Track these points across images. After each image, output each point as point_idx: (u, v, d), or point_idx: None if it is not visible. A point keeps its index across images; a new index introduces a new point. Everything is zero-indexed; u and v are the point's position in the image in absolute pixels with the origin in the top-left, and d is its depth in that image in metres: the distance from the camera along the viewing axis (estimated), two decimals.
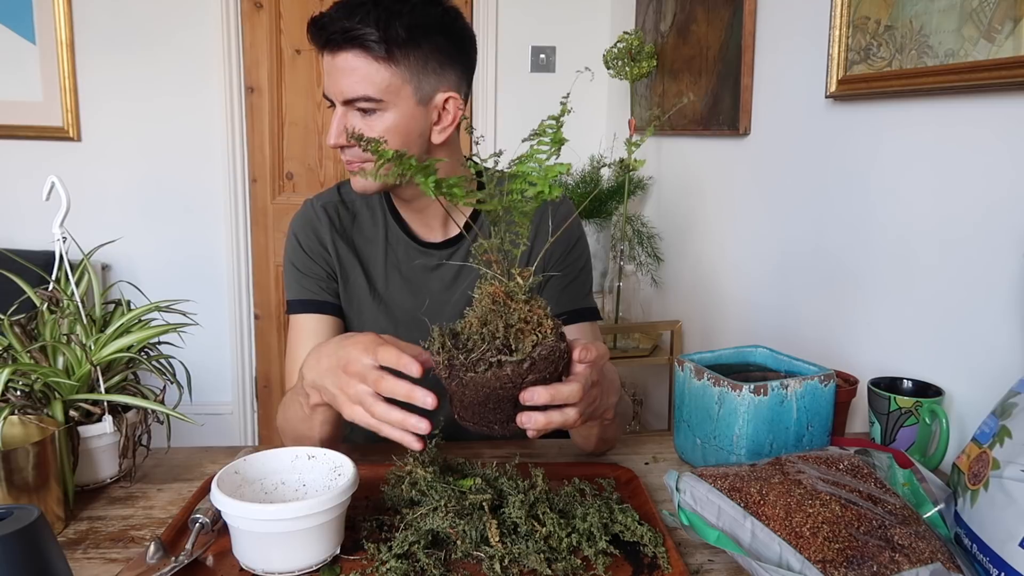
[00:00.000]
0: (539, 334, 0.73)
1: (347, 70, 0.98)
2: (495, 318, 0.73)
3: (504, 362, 0.71)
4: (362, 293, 1.16)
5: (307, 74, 2.91)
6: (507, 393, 0.73)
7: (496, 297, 0.74)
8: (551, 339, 0.73)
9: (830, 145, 1.45)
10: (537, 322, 0.73)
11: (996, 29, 1.01)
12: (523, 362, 0.71)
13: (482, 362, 0.72)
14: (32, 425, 0.86)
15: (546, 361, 0.73)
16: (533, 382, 0.73)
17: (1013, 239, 1.01)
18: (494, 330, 0.73)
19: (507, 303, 0.74)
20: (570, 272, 1.18)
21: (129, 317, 0.96)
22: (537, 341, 0.72)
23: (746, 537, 0.75)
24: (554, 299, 1.17)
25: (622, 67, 2.28)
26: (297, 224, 1.17)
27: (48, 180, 0.94)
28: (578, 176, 2.49)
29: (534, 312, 0.74)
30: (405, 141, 1.01)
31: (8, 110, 2.73)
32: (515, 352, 0.72)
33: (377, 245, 1.16)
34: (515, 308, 0.73)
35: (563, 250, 1.17)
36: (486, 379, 0.72)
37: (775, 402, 0.94)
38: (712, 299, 2.04)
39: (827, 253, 1.45)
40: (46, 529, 0.60)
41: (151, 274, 2.84)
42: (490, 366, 0.72)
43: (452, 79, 1.03)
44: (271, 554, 0.73)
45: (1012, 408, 0.75)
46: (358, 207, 1.18)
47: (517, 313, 0.73)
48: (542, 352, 0.72)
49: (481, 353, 0.72)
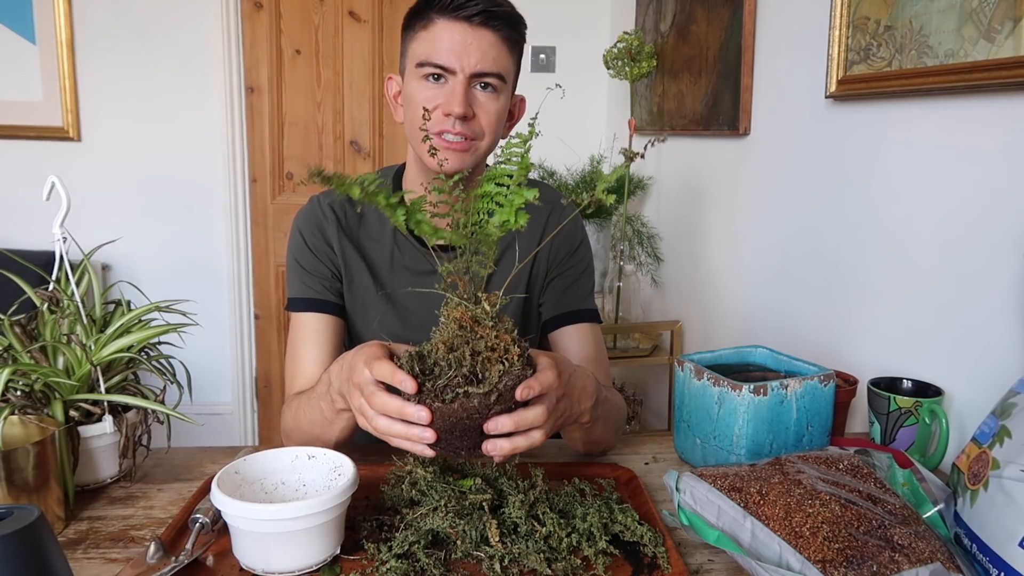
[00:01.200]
0: (505, 362, 0.72)
1: (487, 46, 1.02)
2: (461, 344, 0.73)
3: (472, 394, 0.71)
4: (368, 293, 1.15)
5: (307, 74, 2.91)
6: (473, 423, 0.73)
7: (463, 322, 0.73)
8: (517, 368, 0.73)
9: (830, 145, 1.45)
10: (504, 349, 0.73)
11: (996, 29, 1.01)
12: (490, 394, 0.71)
13: (448, 389, 0.72)
14: (32, 425, 0.86)
15: (512, 391, 0.72)
16: (499, 412, 0.72)
17: (1013, 239, 1.01)
18: (461, 357, 0.72)
19: (473, 328, 0.73)
20: (572, 274, 1.18)
21: (129, 317, 0.96)
22: (504, 370, 0.72)
23: (746, 537, 0.75)
24: (555, 300, 1.18)
25: (622, 67, 2.28)
26: (302, 220, 1.15)
27: (48, 180, 0.94)
28: (578, 176, 2.49)
29: (500, 338, 0.73)
30: (500, 125, 1.07)
31: (8, 110, 2.73)
32: (482, 383, 0.71)
33: (384, 246, 1.15)
34: (482, 334, 0.73)
35: (566, 252, 1.18)
36: (453, 409, 0.71)
37: (775, 402, 0.94)
38: (712, 299, 2.04)
39: (827, 253, 1.45)
40: (46, 529, 0.60)
41: (151, 274, 2.84)
42: (456, 396, 0.71)
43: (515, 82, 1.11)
44: (271, 554, 0.74)
45: (1012, 408, 0.75)
46: (366, 206, 1.16)
47: (484, 340, 0.72)
48: (508, 383, 0.72)
49: (448, 380, 0.72)
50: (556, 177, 2.49)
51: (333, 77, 2.92)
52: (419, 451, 0.76)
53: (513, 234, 1.10)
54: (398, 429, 0.76)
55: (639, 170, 2.51)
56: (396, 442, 0.78)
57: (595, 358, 1.16)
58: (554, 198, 1.16)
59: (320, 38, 2.89)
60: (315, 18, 2.88)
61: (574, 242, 1.19)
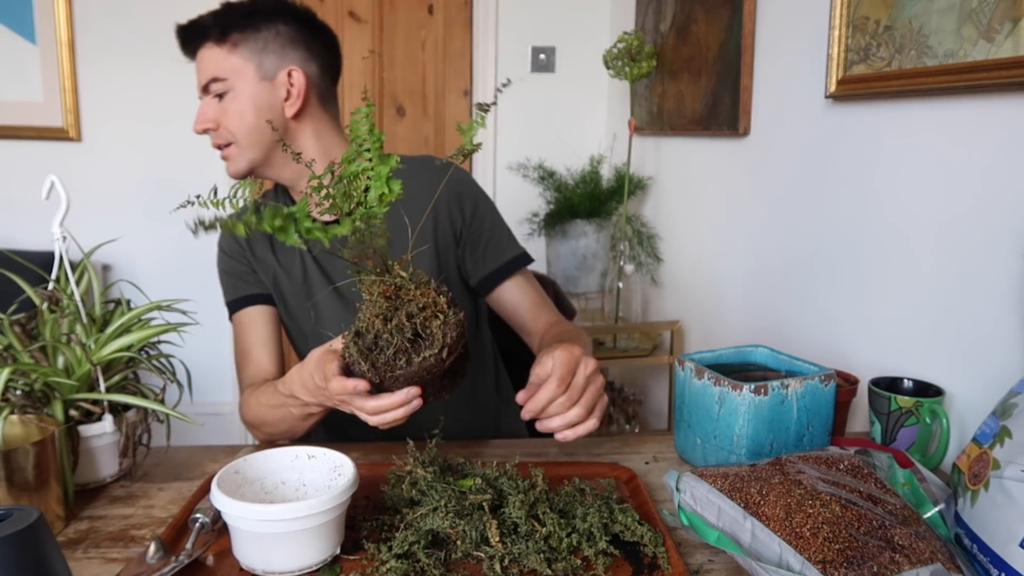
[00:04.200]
0: (440, 314, 0.78)
1: (199, 63, 1.13)
2: (395, 313, 0.78)
3: (426, 356, 0.77)
4: (283, 286, 1.20)
5: None
6: (434, 375, 0.80)
7: (388, 294, 0.78)
8: (451, 314, 0.78)
9: (830, 145, 1.45)
10: (433, 302, 0.78)
11: (995, 29, 1.01)
12: (442, 350, 0.78)
13: (400, 355, 0.77)
14: (32, 425, 0.86)
15: (457, 337, 0.79)
16: (455, 358, 0.80)
17: (1013, 239, 1.01)
18: (401, 324, 0.78)
19: (400, 295, 0.78)
20: (482, 232, 1.20)
21: (129, 316, 0.95)
22: (443, 321, 0.78)
23: (746, 537, 0.75)
24: (477, 263, 1.21)
25: (622, 67, 2.28)
26: (219, 240, 1.24)
27: (48, 179, 0.94)
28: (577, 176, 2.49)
29: (427, 295, 0.78)
30: (258, 115, 1.10)
31: (8, 110, 2.73)
32: (427, 338, 0.78)
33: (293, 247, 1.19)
34: (410, 296, 0.78)
35: (469, 215, 1.19)
36: (411, 372, 0.78)
37: (775, 402, 0.94)
38: (712, 299, 2.04)
39: (827, 253, 1.45)
40: (45, 530, 0.60)
41: (151, 274, 2.84)
42: (410, 360, 0.77)
43: (296, 58, 1.12)
44: (271, 554, 0.73)
45: (1012, 408, 0.75)
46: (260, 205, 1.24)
47: (414, 302, 0.78)
48: (451, 333, 0.78)
49: (396, 348, 0.78)
50: (556, 177, 2.49)
51: None
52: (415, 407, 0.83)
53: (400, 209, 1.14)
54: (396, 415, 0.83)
55: (639, 170, 2.51)
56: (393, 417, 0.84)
57: (539, 302, 1.22)
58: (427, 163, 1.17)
59: None
60: None
61: (470, 202, 1.20)
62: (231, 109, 1.10)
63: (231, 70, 1.10)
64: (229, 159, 1.13)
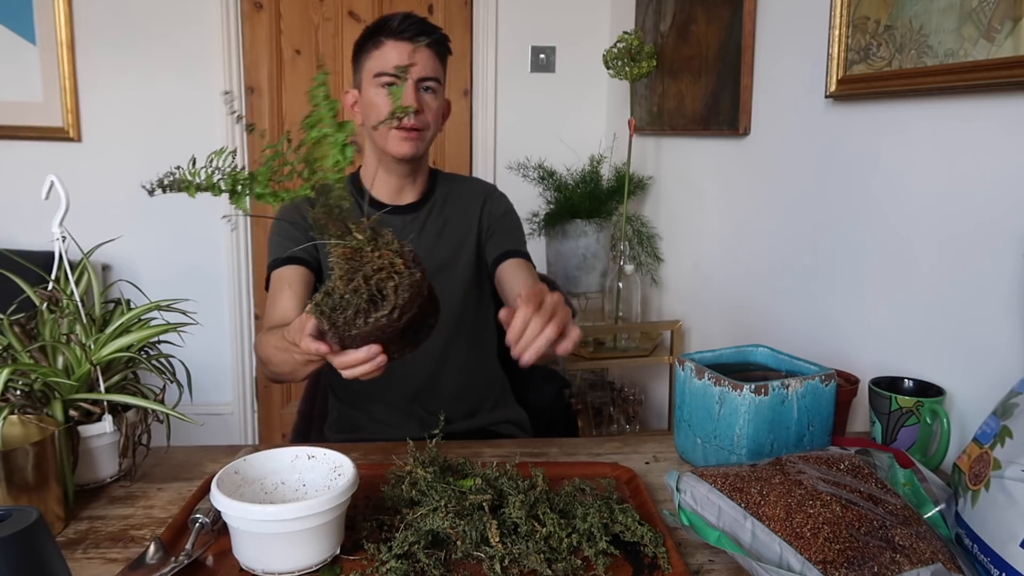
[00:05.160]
0: (395, 275, 0.80)
1: (426, 57, 1.31)
2: (354, 274, 0.81)
3: (378, 316, 0.80)
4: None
5: (307, 75, 2.91)
6: (392, 334, 0.83)
7: (347, 255, 0.81)
8: (406, 275, 0.80)
9: (830, 145, 1.45)
10: (390, 263, 0.80)
11: (995, 29, 1.01)
12: (393, 311, 0.80)
13: (359, 315, 0.80)
14: (32, 425, 0.86)
15: (411, 297, 0.81)
16: (410, 317, 0.82)
17: (1013, 239, 1.01)
18: (358, 285, 0.80)
19: (358, 257, 0.81)
20: (503, 227, 1.46)
21: (129, 316, 0.95)
22: (397, 283, 0.80)
23: (746, 537, 0.75)
24: (494, 247, 1.44)
25: (622, 67, 2.27)
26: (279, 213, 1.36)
27: (47, 179, 0.94)
28: (577, 176, 2.49)
29: (384, 256, 0.81)
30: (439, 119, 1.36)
31: (8, 110, 2.73)
32: (384, 300, 0.80)
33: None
34: (368, 258, 0.81)
35: (498, 215, 1.48)
36: (366, 331, 0.81)
37: (776, 402, 0.94)
38: (712, 299, 2.04)
39: (827, 252, 1.45)
40: (45, 531, 0.60)
41: (151, 274, 2.84)
42: (367, 320, 0.80)
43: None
44: (271, 554, 0.73)
45: (1013, 408, 0.74)
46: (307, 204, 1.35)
47: (370, 264, 0.80)
48: (404, 294, 0.80)
49: (356, 308, 0.80)
50: (556, 177, 2.48)
51: (333, 77, 2.92)
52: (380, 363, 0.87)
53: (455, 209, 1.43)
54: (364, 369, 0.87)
55: (639, 170, 2.51)
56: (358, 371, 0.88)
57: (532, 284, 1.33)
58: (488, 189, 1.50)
59: (320, 38, 2.89)
60: (315, 18, 2.88)
61: (502, 208, 1.48)
62: (434, 107, 1.33)
63: (442, 78, 1.36)
64: (418, 140, 1.32)
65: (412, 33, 1.30)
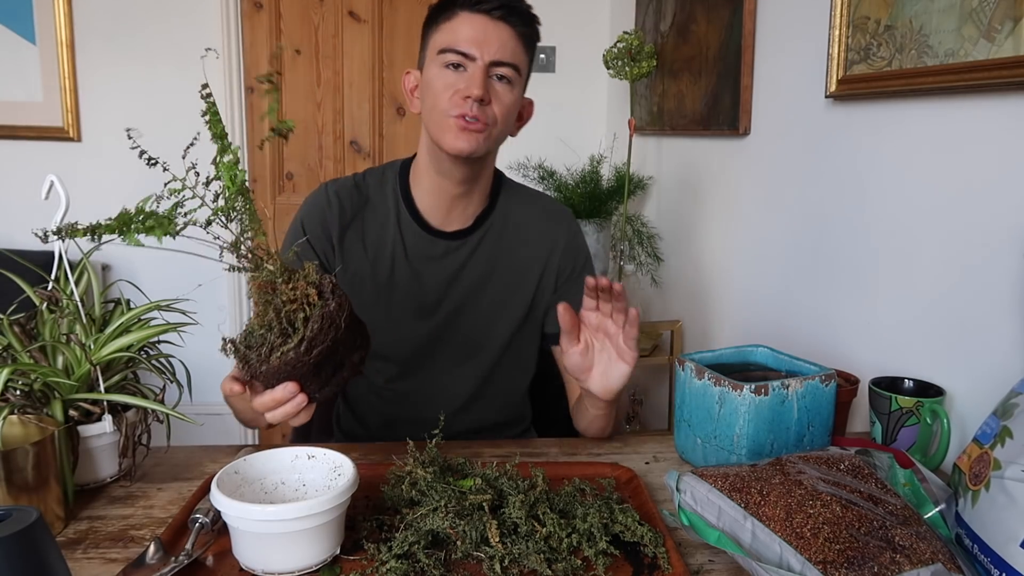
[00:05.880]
0: (307, 307, 0.77)
1: (505, 38, 1.09)
2: (267, 308, 0.78)
3: (286, 351, 0.76)
4: (364, 279, 1.18)
5: (307, 74, 2.91)
6: (307, 369, 0.78)
7: (262, 289, 0.78)
8: (318, 307, 0.77)
9: (830, 145, 1.45)
10: (304, 295, 0.77)
11: (996, 29, 1.01)
12: (300, 343, 0.76)
13: (273, 352, 0.77)
14: (32, 425, 0.86)
15: (322, 330, 0.77)
16: (321, 352, 0.77)
17: (1013, 239, 1.01)
18: (270, 320, 0.77)
19: (272, 291, 0.78)
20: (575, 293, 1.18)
21: (129, 316, 0.95)
22: (307, 315, 0.76)
23: (746, 538, 0.75)
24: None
25: (622, 67, 2.27)
26: (305, 210, 1.20)
27: (48, 179, 0.94)
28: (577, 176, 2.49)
29: (298, 287, 0.77)
30: (511, 116, 1.13)
31: (8, 110, 2.73)
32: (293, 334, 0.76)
33: (388, 229, 1.18)
34: (280, 291, 0.77)
35: (570, 271, 1.24)
36: (272, 368, 0.77)
37: (776, 402, 0.94)
38: (712, 299, 2.04)
39: (827, 252, 1.45)
40: (45, 531, 0.60)
41: (151, 274, 2.84)
42: (280, 355, 0.76)
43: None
44: (271, 554, 0.73)
45: (1013, 408, 0.74)
46: (371, 190, 1.21)
47: (281, 296, 0.77)
48: (313, 326, 0.76)
49: (270, 344, 0.77)
50: (556, 177, 2.48)
51: (333, 77, 2.92)
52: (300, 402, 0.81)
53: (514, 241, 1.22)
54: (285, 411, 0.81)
55: (639, 170, 2.51)
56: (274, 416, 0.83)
57: None
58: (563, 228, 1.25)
59: (320, 38, 2.89)
60: (315, 18, 2.88)
61: (577, 261, 1.25)
62: (508, 99, 1.11)
63: (523, 68, 1.12)
64: (483, 134, 1.10)
65: (494, 4, 1.08)
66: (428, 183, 1.18)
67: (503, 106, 1.10)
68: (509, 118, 1.12)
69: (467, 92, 1.06)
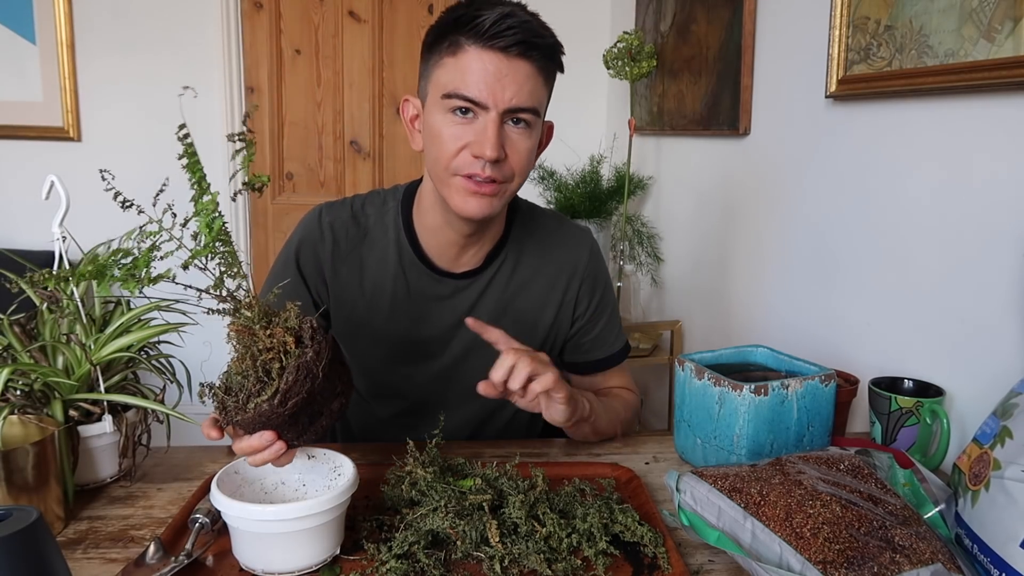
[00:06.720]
0: (283, 356, 0.74)
1: (523, 79, 0.92)
2: (246, 354, 0.75)
3: (260, 403, 0.73)
4: (359, 317, 1.10)
5: (307, 74, 2.91)
6: (283, 419, 0.75)
7: (241, 336, 0.76)
8: (294, 357, 0.74)
9: (830, 145, 1.45)
10: (281, 342, 0.74)
11: (996, 29, 1.01)
12: (274, 396, 0.73)
13: (249, 399, 0.74)
14: (32, 425, 0.86)
15: (297, 381, 0.74)
16: (296, 403, 0.74)
17: (1013, 239, 1.01)
18: (247, 367, 0.75)
19: (250, 337, 0.75)
20: (596, 324, 1.17)
21: (129, 316, 0.95)
22: (283, 365, 0.74)
23: (746, 538, 0.75)
24: (584, 348, 1.17)
25: (622, 67, 2.27)
26: (299, 235, 1.10)
27: (47, 179, 0.94)
28: (578, 176, 2.49)
29: (275, 334, 0.75)
30: (531, 162, 0.99)
31: (8, 110, 2.73)
32: (269, 384, 0.74)
33: (387, 266, 1.09)
34: (258, 338, 0.75)
35: (590, 305, 1.17)
36: (247, 418, 0.74)
37: (776, 402, 0.94)
38: (712, 299, 2.04)
39: (827, 252, 1.45)
40: (45, 531, 0.60)
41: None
42: (255, 406, 0.74)
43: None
44: (271, 554, 0.73)
45: (1013, 408, 0.74)
46: (371, 224, 1.10)
47: (259, 342, 0.75)
48: (288, 377, 0.73)
49: (247, 392, 0.75)
50: (556, 177, 2.49)
51: (333, 77, 2.92)
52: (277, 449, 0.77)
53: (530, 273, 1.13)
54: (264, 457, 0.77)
55: (639, 170, 2.51)
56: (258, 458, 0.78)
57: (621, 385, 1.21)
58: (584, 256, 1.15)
59: (320, 38, 2.90)
60: (315, 18, 2.88)
61: (600, 290, 1.17)
62: (526, 147, 0.95)
63: (543, 107, 0.97)
64: (496, 196, 0.96)
65: (510, 42, 0.90)
66: (433, 222, 1.06)
67: (520, 155, 0.95)
68: (527, 167, 0.97)
69: (478, 151, 0.92)
